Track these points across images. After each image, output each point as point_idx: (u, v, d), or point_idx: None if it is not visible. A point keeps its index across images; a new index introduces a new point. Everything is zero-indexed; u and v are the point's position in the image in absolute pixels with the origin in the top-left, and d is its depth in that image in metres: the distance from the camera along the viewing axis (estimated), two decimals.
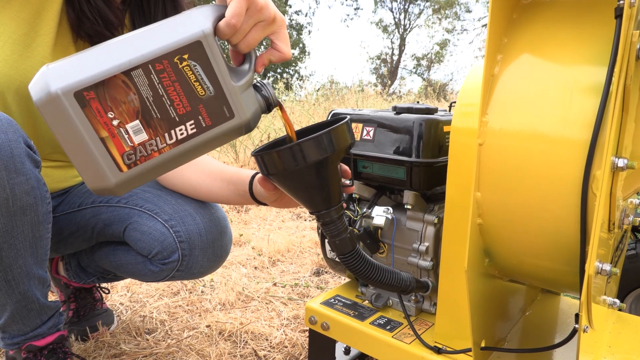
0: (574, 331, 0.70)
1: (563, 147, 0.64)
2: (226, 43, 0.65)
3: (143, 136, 0.56)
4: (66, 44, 0.94)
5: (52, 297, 1.39)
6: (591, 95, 0.62)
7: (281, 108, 0.69)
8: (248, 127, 0.63)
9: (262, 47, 0.68)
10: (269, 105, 0.66)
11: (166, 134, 0.57)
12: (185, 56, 0.56)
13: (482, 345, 0.81)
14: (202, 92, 0.58)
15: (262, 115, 0.67)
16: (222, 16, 0.60)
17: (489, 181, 0.71)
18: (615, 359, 0.83)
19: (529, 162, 0.66)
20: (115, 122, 0.54)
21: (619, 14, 0.57)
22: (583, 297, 0.63)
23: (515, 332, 0.98)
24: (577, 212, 0.64)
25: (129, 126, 0.55)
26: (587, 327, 0.67)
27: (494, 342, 0.89)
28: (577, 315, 0.67)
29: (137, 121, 0.55)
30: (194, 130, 0.58)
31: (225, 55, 0.61)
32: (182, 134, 0.58)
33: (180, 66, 0.56)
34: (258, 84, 0.66)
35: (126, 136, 0.55)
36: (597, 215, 0.59)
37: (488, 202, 0.72)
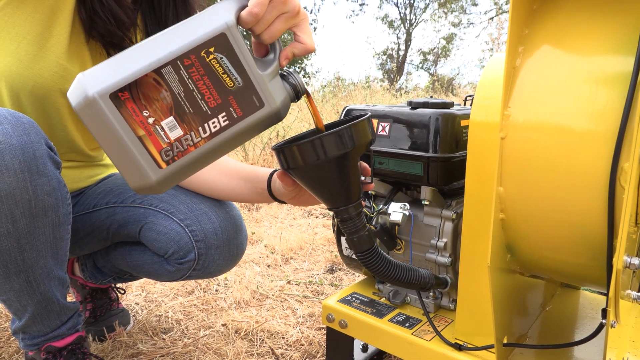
0: (601, 326, 0.69)
1: (589, 139, 0.62)
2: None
3: (178, 132, 0.57)
4: (79, 44, 0.93)
5: (69, 297, 1.40)
6: (617, 85, 0.61)
7: (308, 96, 0.69)
8: (278, 115, 0.64)
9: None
10: (297, 92, 0.66)
11: (200, 128, 0.58)
12: (212, 49, 0.57)
13: (505, 341, 0.80)
14: (230, 84, 0.59)
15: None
16: (245, 7, 0.60)
17: (511, 175, 0.70)
18: (639, 354, 0.82)
19: (553, 155, 0.65)
20: (150, 120, 0.55)
21: None
22: (611, 292, 0.62)
23: (535, 328, 0.97)
24: (603, 205, 0.63)
25: (164, 123, 0.56)
26: (614, 322, 0.66)
27: (515, 338, 0.88)
28: (604, 310, 0.66)
29: (172, 117, 0.56)
30: (227, 122, 0.59)
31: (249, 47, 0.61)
32: (215, 126, 0.58)
33: (207, 60, 0.57)
34: (285, 73, 0.66)
35: (162, 133, 0.56)
36: (625, 208, 0.58)
37: (511, 197, 0.71)
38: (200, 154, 0.59)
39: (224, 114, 0.59)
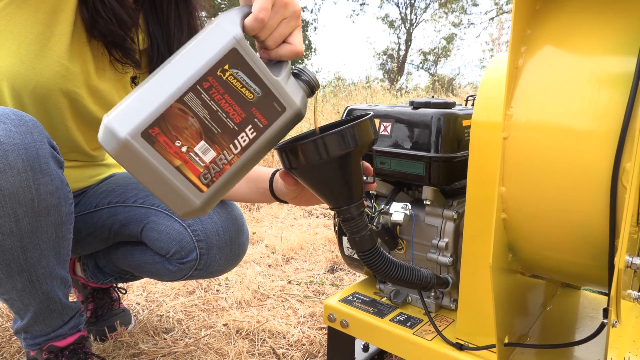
0: (602, 326, 0.69)
1: (591, 139, 0.62)
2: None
3: (212, 154, 0.58)
4: (81, 43, 0.94)
5: (71, 297, 1.40)
6: (620, 85, 0.61)
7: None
8: (300, 115, 0.65)
9: None
10: (312, 88, 0.68)
11: (231, 145, 0.59)
12: (226, 66, 0.58)
13: (506, 341, 0.81)
14: (250, 96, 0.60)
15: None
16: (247, 14, 0.61)
17: (514, 175, 0.70)
18: None
19: (556, 155, 0.65)
20: (184, 149, 0.56)
21: None
22: (613, 291, 0.62)
23: (536, 328, 0.97)
24: (605, 205, 0.63)
25: (196, 148, 0.57)
26: (615, 321, 0.66)
27: (516, 338, 0.88)
28: (605, 310, 0.66)
29: (203, 141, 0.57)
30: (254, 133, 0.61)
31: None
32: (244, 140, 0.60)
33: (224, 78, 0.58)
34: (296, 71, 0.67)
35: (197, 158, 0.57)
36: (627, 208, 0.58)
37: (513, 197, 0.71)
38: (236, 169, 0.60)
39: (250, 126, 0.60)
